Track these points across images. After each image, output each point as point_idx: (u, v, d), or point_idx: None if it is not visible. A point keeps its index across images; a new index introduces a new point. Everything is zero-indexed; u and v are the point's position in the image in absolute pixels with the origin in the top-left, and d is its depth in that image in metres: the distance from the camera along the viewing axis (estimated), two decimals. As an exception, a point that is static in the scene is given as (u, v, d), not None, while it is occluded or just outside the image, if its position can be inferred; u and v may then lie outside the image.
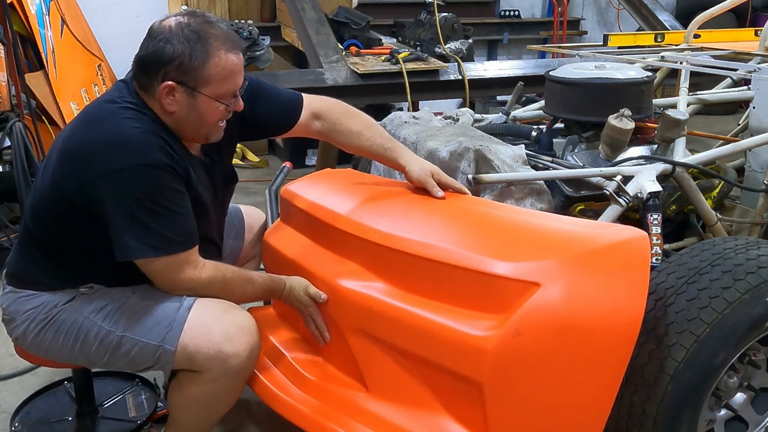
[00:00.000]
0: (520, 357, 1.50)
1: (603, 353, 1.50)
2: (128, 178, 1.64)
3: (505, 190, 2.05)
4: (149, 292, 1.79)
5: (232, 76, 1.73)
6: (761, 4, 6.55)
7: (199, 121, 1.76)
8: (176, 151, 1.74)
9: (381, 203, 1.97)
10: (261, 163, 5.20)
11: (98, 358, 1.80)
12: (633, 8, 5.37)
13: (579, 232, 1.69)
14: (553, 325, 1.49)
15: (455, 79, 4.23)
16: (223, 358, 1.70)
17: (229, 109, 1.78)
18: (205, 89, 1.70)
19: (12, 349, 2.04)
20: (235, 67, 1.73)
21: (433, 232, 1.76)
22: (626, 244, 1.60)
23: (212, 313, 1.75)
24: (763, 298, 1.69)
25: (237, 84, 1.76)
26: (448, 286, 1.63)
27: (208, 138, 1.83)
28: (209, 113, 1.75)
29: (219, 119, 1.78)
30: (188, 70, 1.67)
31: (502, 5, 6.86)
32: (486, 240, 1.72)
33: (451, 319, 1.58)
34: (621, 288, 1.52)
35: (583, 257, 1.57)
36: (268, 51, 3.87)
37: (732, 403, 1.89)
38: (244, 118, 1.94)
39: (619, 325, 1.50)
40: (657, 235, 2.05)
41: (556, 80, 2.53)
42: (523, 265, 1.55)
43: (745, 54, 3.24)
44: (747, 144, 2.40)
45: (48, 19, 4.13)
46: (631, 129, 2.23)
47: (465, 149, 2.08)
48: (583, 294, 1.51)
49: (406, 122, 2.50)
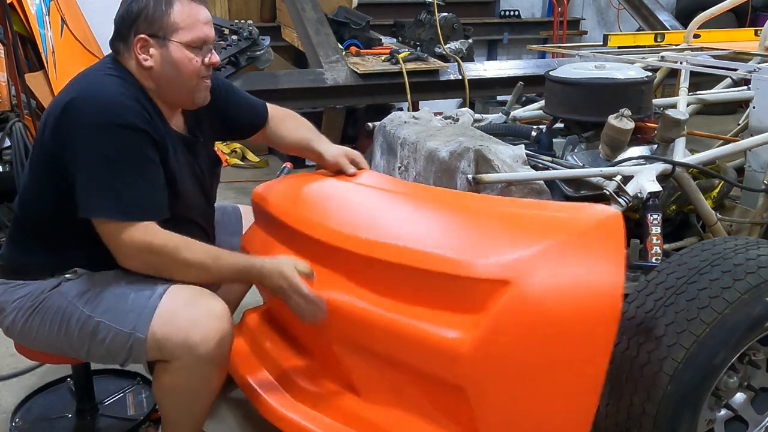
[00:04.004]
0: (499, 358, 1.46)
1: (584, 344, 1.45)
2: (99, 135, 1.67)
3: (505, 190, 2.05)
4: (129, 278, 1.79)
5: (199, 23, 1.79)
6: (761, 4, 6.55)
7: (176, 75, 1.79)
8: (154, 120, 1.77)
9: (348, 205, 1.95)
10: (261, 163, 5.20)
11: (80, 345, 1.80)
12: (633, 8, 5.37)
13: (547, 218, 1.63)
14: (528, 322, 1.44)
15: (455, 79, 4.24)
16: (191, 346, 1.68)
17: (205, 62, 1.81)
18: (175, 36, 1.76)
19: (12, 349, 2.04)
20: (201, 15, 1.79)
21: (400, 232, 1.71)
22: (600, 225, 1.52)
23: (182, 300, 1.74)
24: (763, 298, 1.69)
25: (206, 33, 1.80)
26: (421, 288, 1.59)
27: (194, 97, 1.85)
28: (184, 64, 1.78)
29: (195, 72, 1.81)
30: (154, 19, 1.74)
31: (502, 5, 6.86)
32: (452, 235, 1.68)
33: (426, 321, 1.54)
34: (596, 273, 1.46)
35: (553, 247, 1.50)
36: (268, 51, 3.87)
37: (732, 403, 1.89)
38: (220, 110, 2.03)
39: (598, 313, 1.43)
40: (657, 235, 2.05)
41: (556, 80, 2.53)
42: (491, 263, 1.49)
43: (745, 54, 3.23)
44: (747, 144, 2.40)
45: (48, 19, 4.13)
46: (631, 129, 2.23)
47: (465, 149, 2.08)
48: (556, 286, 1.45)
49: (406, 122, 2.50)
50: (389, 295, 1.65)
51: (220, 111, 2.05)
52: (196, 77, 1.81)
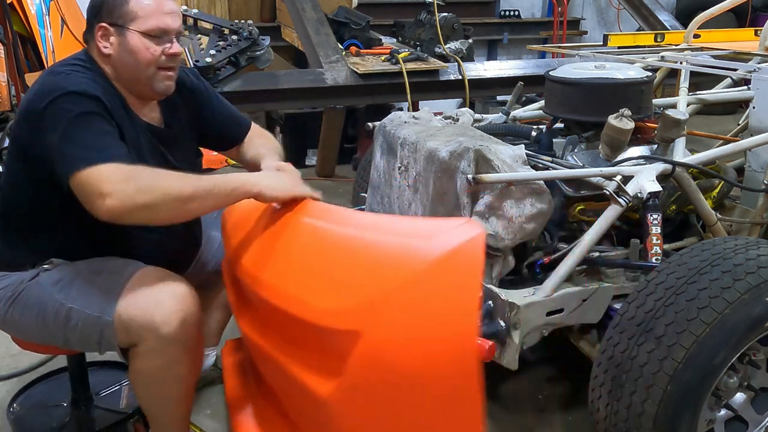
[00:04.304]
0: (362, 407, 1.40)
1: (443, 389, 1.34)
2: (60, 104, 1.70)
3: (505, 190, 2.05)
4: (100, 264, 1.83)
5: (158, 13, 1.81)
6: (761, 4, 6.55)
7: (133, 63, 1.82)
8: (114, 103, 1.80)
9: (260, 237, 1.88)
10: (261, 163, 5.19)
11: (57, 333, 1.83)
12: (633, 8, 5.38)
13: (402, 249, 1.49)
14: (384, 373, 1.36)
15: (455, 79, 4.24)
16: (154, 327, 1.69)
17: (165, 51, 1.83)
18: (133, 25, 1.80)
19: (12, 349, 2.05)
20: (161, 5, 1.82)
21: (283, 269, 1.69)
22: (455, 254, 1.38)
23: (147, 282, 1.76)
24: (763, 298, 1.69)
25: (165, 23, 1.83)
26: (298, 331, 1.58)
27: (153, 87, 1.87)
28: (140, 52, 1.81)
29: (152, 61, 1.83)
30: (114, 7, 1.80)
31: (502, 5, 6.86)
32: (313, 276, 1.60)
33: (299, 364, 1.54)
34: (447, 313, 1.34)
35: (402, 289, 1.39)
36: (268, 51, 3.87)
37: (732, 403, 1.89)
38: (198, 110, 2.07)
39: (451, 357, 1.32)
40: (657, 235, 2.05)
41: (556, 80, 2.53)
42: (342, 311, 1.42)
43: (745, 54, 3.23)
44: (747, 144, 2.40)
45: (48, 19, 4.13)
46: (631, 129, 2.23)
47: (465, 149, 2.08)
48: (406, 334, 1.36)
49: (406, 122, 2.50)
50: (278, 333, 1.68)
51: (197, 111, 2.09)
52: (153, 66, 1.84)
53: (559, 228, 2.27)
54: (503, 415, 2.33)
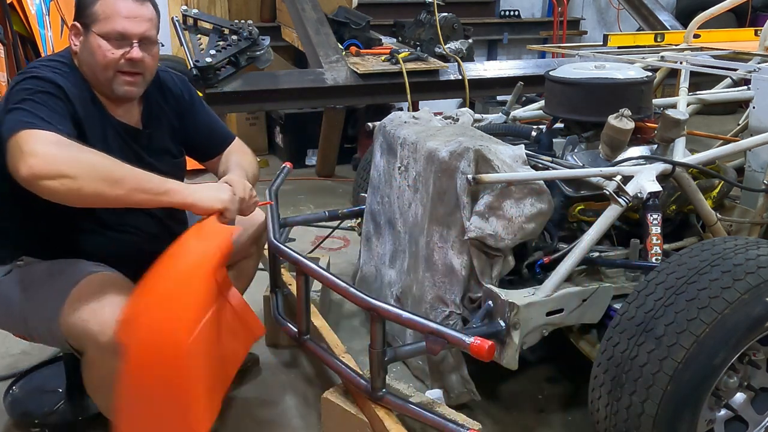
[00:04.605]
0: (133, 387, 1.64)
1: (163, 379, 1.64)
2: (23, 85, 1.72)
3: (505, 190, 2.05)
4: (61, 266, 1.84)
5: (118, 16, 1.82)
6: (761, 4, 6.55)
7: (93, 63, 1.84)
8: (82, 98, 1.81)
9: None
10: (261, 163, 5.17)
11: (24, 329, 1.87)
12: (633, 8, 5.38)
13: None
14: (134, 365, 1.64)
15: (455, 79, 4.24)
16: (92, 336, 1.70)
17: (124, 55, 1.83)
18: (95, 26, 1.81)
19: (12, 348, 2.05)
20: (124, 9, 1.82)
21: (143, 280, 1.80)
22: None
23: (91, 288, 1.77)
24: (762, 298, 1.69)
25: (124, 27, 1.82)
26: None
27: (113, 89, 1.87)
28: (98, 53, 1.82)
29: (110, 64, 1.83)
30: (84, 7, 1.83)
31: (502, 5, 6.86)
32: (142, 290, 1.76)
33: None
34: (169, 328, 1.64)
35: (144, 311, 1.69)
36: (268, 51, 3.87)
37: (732, 403, 1.89)
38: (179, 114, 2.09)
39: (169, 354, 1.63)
40: (657, 235, 2.05)
41: (556, 80, 2.53)
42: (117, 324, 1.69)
43: (745, 54, 3.23)
44: (747, 144, 2.40)
45: (48, 19, 4.13)
46: (630, 129, 2.23)
47: (465, 149, 2.08)
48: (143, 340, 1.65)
49: (406, 122, 2.50)
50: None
51: (178, 117, 2.10)
52: (111, 69, 1.84)
53: (559, 228, 2.27)
54: (503, 415, 2.33)
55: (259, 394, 2.45)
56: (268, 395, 2.44)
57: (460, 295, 2.14)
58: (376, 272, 2.59)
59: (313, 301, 2.57)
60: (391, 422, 1.86)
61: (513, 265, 2.13)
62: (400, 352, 1.97)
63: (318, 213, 2.92)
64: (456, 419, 1.84)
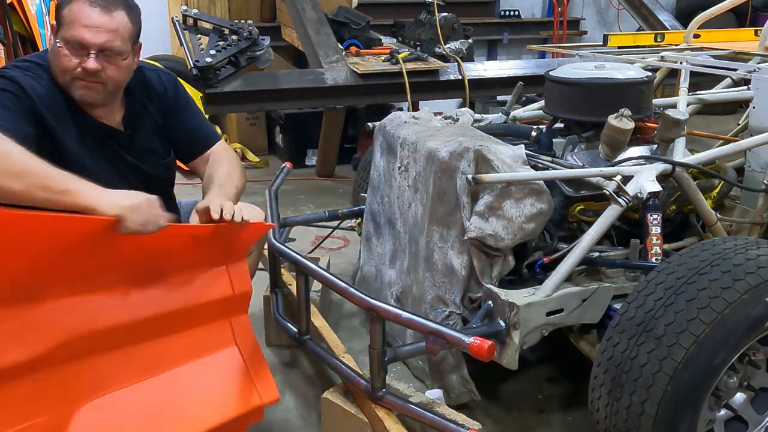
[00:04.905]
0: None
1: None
2: None
3: (505, 190, 2.05)
4: None
5: (78, 24, 1.79)
6: (761, 4, 6.55)
7: (54, 64, 1.84)
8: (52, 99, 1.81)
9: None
10: (261, 163, 5.20)
11: None
12: (633, 8, 5.38)
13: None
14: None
15: (455, 79, 4.24)
16: None
17: (83, 65, 1.80)
18: (60, 30, 1.82)
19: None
20: (84, 17, 1.79)
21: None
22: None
23: None
24: (762, 298, 1.69)
25: (82, 35, 1.79)
26: None
27: (72, 93, 1.86)
28: (57, 57, 1.82)
29: (67, 69, 1.82)
30: (57, 8, 1.83)
31: (502, 5, 6.86)
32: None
33: None
34: None
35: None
36: (268, 51, 3.87)
37: (732, 403, 1.89)
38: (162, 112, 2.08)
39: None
40: (657, 235, 2.05)
41: (556, 80, 2.53)
42: None
43: (745, 54, 3.23)
44: (747, 144, 2.40)
45: (48, 19, 4.13)
46: (630, 129, 2.23)
47: (465, 149, 2.08)
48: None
49: (406, 122, 2.50)
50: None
51: (162, 116, 2.09)
52: (68, 74, 1.83)
53: (559, 228, 2.27)
54: (503, 415, 2.33)
55: (259, 394, 2.45)
56: (268, 395, 2.44)
57: (460, 295, 2.14)
58: (376, 272, 2.59)
59: (313, 301, 2.57)
60: (391, 422, 1.86)
61: (513, 265, 2.13)
62: (400, 352, 1.97)
63: (318, 213, 2.92)
64: (456, 419, 1.84)
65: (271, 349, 2.70)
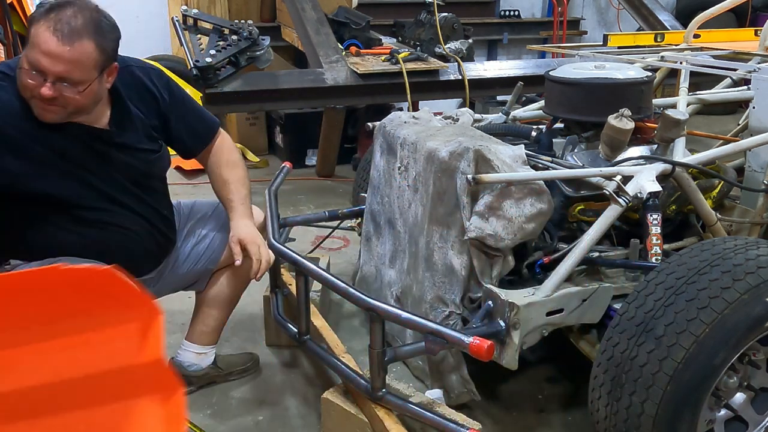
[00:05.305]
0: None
1: None
2: None
3: (505, 190, 2.05)
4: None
5: (36, 49, 1.74)
6: (761, 4, 6.55)
7: (18, 76, 1.80)
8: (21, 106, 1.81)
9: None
10: (261, 163, 5.20)
11: None
12: (633, 8, 5.38)
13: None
14: None
15: (455, 79, 4.24)
16: None
17: (39, 89, 1.76)
18: (25, 47, 1.79)
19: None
20: (42, 43, 1.73)
21: None
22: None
23: None
24: (762, 298, 1.69)
25: (38, 61, 1.74)
26: None
27: (34, 110, 1.83)
28: (20, 70, 1.79)
29: (26, 88, 1.79)
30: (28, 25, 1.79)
31: (502, 5, 6.86)
32: None
33: None
34: None
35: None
36: (268, 51, 3.87)
37: (732, 403, 1.89)
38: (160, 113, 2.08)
39: None
40: (657, 235, 2.05)
41: (556, 80, 2.53)
42: None
43: (745, 54, 3.23)
44: (747, 144, 2.40)
45: (48, 19, 4.12)
46: (630, 129, 2.23)
47: (465, 149, 2.08)
48: None
49: (405, 122, 2.50)
50: None
51: (158, 114, 2.09)
52: (28, 92, 1.80)
53: (559, 228, 2.27)
54: (503, 415, 2.33)
55: (259, 394, 2.45)
56: (268, 395, 2.44)
57: (460, 295, 2.14)
58: (376, 272, 2.59)
59: (313, 301, 2.57)
60: (391, 422, 1.86)
61: (513, 265, 2.13)
62: (399, 352, 1.97)
63: (318, 213, 2.92)
64: (456, 419, 1.84)
65: (271, 349, 2.70)
